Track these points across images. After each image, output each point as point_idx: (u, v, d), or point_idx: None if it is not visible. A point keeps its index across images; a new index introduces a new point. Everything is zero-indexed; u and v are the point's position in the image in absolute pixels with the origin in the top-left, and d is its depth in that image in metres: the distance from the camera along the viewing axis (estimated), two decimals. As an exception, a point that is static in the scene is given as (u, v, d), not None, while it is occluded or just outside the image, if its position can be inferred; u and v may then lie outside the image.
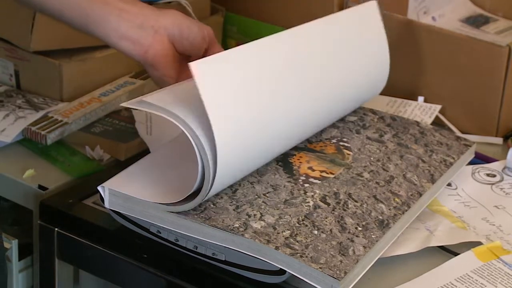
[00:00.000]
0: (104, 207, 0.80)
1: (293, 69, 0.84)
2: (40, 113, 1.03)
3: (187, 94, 0.76)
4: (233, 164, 0.75)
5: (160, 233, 0.78)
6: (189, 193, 0.75)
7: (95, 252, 0.83)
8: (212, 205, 0.76)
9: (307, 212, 0.77)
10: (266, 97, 0.79)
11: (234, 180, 0.79)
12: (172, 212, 0.75)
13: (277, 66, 0.82)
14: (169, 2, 1.15)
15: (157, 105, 0.74)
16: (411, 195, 0.82)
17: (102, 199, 0.80)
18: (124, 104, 0.75)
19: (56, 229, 0.86)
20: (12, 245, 0.93)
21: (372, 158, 0.88)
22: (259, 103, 0.78)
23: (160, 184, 0.79)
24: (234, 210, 0.76)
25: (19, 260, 0.95)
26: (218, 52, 0.85)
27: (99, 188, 0.79)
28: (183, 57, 0.87)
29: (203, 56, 0.88)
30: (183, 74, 0.86)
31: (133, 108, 0.83)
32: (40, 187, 0.93)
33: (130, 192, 0.77)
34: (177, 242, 0.78)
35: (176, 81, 0.85)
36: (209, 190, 0.73)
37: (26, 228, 1.00)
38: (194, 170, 0.74)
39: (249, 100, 0.77)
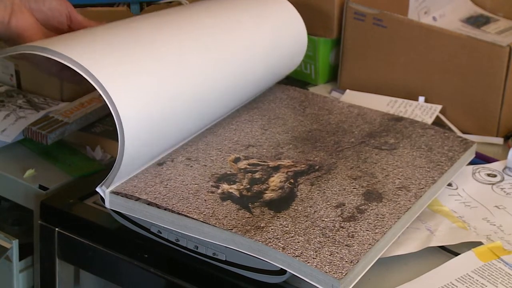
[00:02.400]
0: (105, 207, 0.80)
1: (195, 39, 0.88)
2: (41, 113, 1.03)
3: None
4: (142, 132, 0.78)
5: (161, 233, 0.78)
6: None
7: (95, 252, 0.83)
8: None
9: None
10: (169, 68, 0.83)
11: (154, 149, 0.82)
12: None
13: (178, 35, 0.87)
14: (170, 2, 1.15)
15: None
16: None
17: (102, 199, 0.80)
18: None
19: (56, 229, 0.86)
20: (13, 245, 0.93)
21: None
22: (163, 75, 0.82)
23: None
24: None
25: (20, 260, 0.94)
26: (80, 18, 0.91)
27: (97, 189, 0.79)
28: (52, 30, 0.90)
29: (69, 26, 0.91)
30: None
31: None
32: (41, 187, 0.93)
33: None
34: (178, 242, 0.78)
35: None
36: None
37: (27, 228, 1.00)
38: None
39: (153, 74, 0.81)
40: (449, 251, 0.81)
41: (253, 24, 0.97)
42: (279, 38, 1.00)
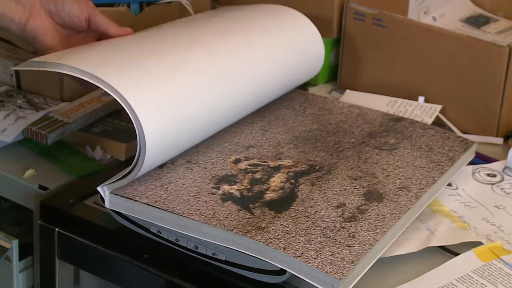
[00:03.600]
0: (105, 207, 0.80)
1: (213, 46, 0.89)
2: (41, 113, 1.03)
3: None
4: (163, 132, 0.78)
5: (161, 233, 0.78)
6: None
7: (95, 252, 0.83)
8: None
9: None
10: (188, 75, 0.83)
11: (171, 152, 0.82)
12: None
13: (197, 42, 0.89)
14: (170, 2, 1.15)
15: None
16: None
17: (102, 199, 0.80)
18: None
19: (56, 229, 0.86)
20: (13, 245, 0.93)
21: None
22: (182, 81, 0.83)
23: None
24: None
25: (20, 260, 0.94)
26: (101, 21, 0.90)
27: (98, 188, 0.79)
28: (71, 32, 0.91)
29: (88, 26, 0.91)
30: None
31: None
32: (41, 187, 0.93)
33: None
34: (178, 242, 0.78)
35: None
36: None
37: (27, 228, 1.00)
38: None
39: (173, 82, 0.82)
40: (449, 251, 0.81)
41: (276, 45, 0.98)
42: (298, 58, 1.01)
